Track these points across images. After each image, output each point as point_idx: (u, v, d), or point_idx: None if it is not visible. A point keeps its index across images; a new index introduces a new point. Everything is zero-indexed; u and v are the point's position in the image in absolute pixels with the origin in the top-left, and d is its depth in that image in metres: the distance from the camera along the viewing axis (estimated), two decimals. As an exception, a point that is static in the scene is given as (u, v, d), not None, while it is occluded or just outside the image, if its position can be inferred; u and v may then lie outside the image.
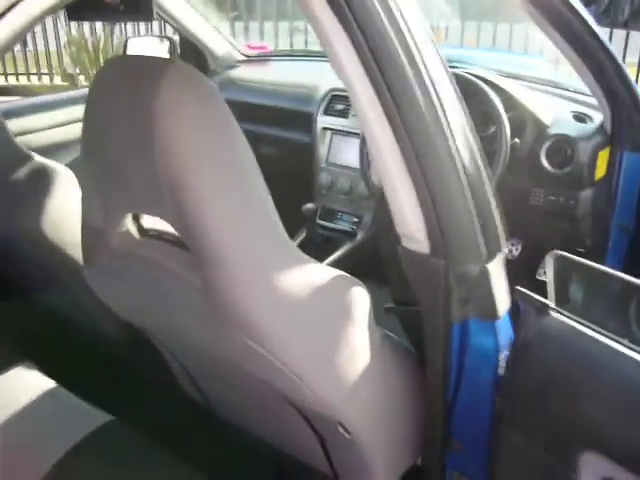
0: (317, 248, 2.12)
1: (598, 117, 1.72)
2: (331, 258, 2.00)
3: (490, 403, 0.95)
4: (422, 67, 0.86)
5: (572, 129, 1.73)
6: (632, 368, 0.81)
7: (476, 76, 1.78)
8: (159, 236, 1.00)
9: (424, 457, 1.07)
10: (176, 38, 2.44)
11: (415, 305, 1.05)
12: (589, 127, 1.73)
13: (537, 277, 1.83)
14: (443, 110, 0.87)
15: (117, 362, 1.51)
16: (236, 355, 0.94)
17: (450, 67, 0.93)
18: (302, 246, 2.17)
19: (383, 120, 0.86)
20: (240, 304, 0.86)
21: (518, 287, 0.91)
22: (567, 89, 1.94)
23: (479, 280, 0.91)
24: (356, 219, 2.12)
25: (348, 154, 2.10)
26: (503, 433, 0.96)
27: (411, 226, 0.90)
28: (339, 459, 1.11)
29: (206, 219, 0.82)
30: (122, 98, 0.85)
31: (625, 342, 0.82)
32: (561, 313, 0.88)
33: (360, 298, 0.93)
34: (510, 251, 1.88)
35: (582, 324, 0.87)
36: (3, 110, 1.76)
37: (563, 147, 1.72)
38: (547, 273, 0.91)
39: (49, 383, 1.30)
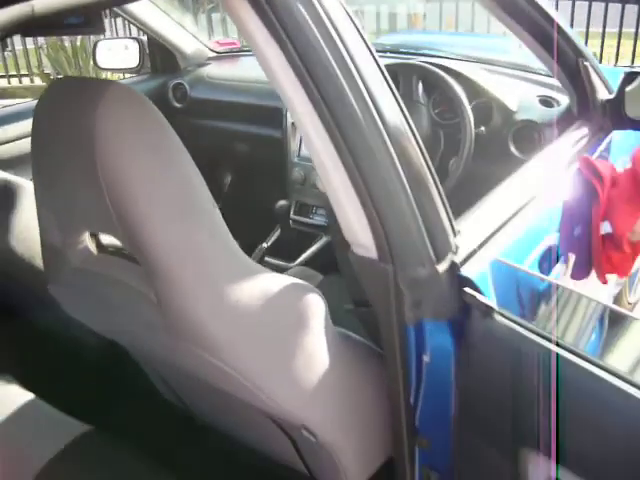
0: (292, 244, 2.12)
1: (565, 100, 1.71)
2: (307, 253, 2.01)
3: (449, 401, 0.97)
4: (359, 80, 0.85)
5: (538, 114, 1.73)
6: (569, 369, 0.82)
7: (439, 66, 1.78)
8: (116, 252, 1.01)
9: (394, 453, 1.09)
10: (144, 39, 2.43)
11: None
12: (555, 111, 1.73)
13: None
14: (384, 123, 0.86)
15: (97, 372, 1.52)
16: (193, 366, 0.96)
17: (416, 55, 0.88)
18: (277, 243, 2.18)
19: (324, 137, 0.86)
20: (190, 316, 0.87)
21: (466, 289, 0.91)
22: (536, 72, 1.94)
23: (429, 282, 0.92)
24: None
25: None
26: (460, 431, 0.97)
27: (358, 235, 0.91)
28: (311, 460, 1.12)
29: (153, 237, 0.83)
30: (64, 122, 0.86)
31: (563, 343, 0.84)
32: (504, 316, 0.89)
33: (314, 304, 0.94)
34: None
35: (523, 326, 0.88)
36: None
37: (530, 132, 1.72)
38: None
39: (28, 396, 1.30)
